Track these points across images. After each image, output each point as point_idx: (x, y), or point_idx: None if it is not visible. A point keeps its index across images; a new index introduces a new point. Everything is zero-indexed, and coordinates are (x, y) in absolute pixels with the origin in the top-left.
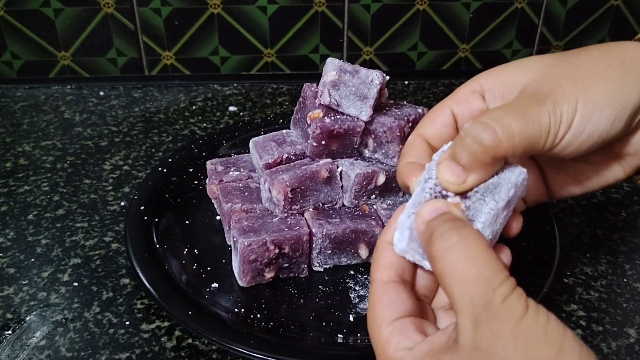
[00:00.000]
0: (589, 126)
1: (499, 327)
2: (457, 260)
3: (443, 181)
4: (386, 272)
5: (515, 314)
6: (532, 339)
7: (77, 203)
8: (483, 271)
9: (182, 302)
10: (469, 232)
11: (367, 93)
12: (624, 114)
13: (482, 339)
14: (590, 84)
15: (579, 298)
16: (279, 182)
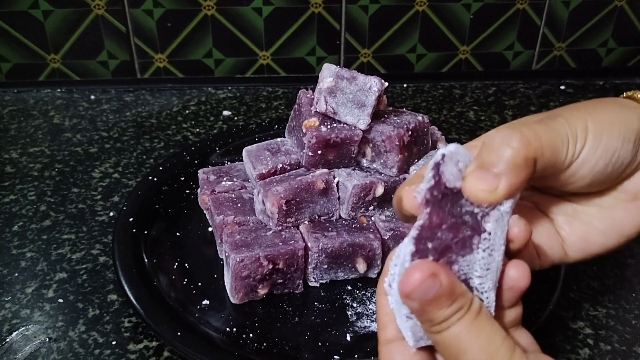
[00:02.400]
0: (603, 141)
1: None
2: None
3: (473, 191)
4: (389, 330)
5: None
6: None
7: (64, 213)
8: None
9: (170, 321)
10: (466, 320)
11: (365, 100)
12: (630, 134)
13: None
14: (594, 110)
15: (585, 314)
16: (273, 194)
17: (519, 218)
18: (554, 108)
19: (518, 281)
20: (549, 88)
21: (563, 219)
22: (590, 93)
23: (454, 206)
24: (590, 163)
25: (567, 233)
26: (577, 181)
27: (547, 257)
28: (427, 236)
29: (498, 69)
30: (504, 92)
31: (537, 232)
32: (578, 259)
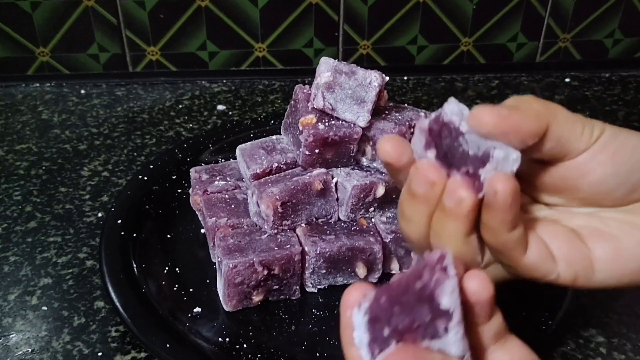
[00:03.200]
0: (621, 136)
1: None
2: None
3: (478, 114)
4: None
5: None
6: None
7: (50, 214)
8: None
9: (159, 331)
10: None
11: (365, 96)
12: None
13: None
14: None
15: (597, 321)
16: (267, 195)
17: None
18: (559, 101)
19: (480, 294)
20: (554, 81)
21: (589, 232)
22: (596, 86)
23: (452, 142)
24: (609, 149)
25: (593, 246)
26: (597, 169)
27: (569, 267)
28: (380, 319)
29: (501, 61)
30: (507, 85)
31: (560, 238)
32: (605, 278)
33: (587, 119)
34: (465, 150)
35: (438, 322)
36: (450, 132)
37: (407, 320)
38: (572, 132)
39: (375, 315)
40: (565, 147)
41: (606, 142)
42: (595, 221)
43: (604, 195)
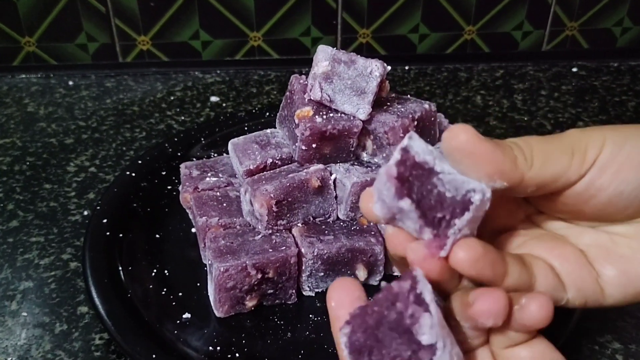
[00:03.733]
0: (627, 147)
1: None
2: None
3: (447, 138)
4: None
5: None
6: None
7: (33, 213)
8: None
9: (146, 339)
10: None
11: (366, 87)
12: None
13: None
14: (616, 125)
15: (612, 325)
16: (261, 193)
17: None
18: (566, 91)
19: (536, 322)
20: (560, 70)
21: (597, 251)
22: (604, 75)
23: (426, 185)
24: (610, 170)
25: (602, 268)
26: (600, 193)
27: (580, 292)
28: (361, 352)
29: (506, 50)
30: (512, 74)
31: (568, 259)
32: (617, 302)
33: (580, 137)
34: (442, 192)
35: (421, 355)
36: (423, 173)
37: (388, 356)
38: (556, 169)
39: (356, 348)
40: (552, 185)
41: (605, 161)
42: (604, 238)
43: (613, 215)
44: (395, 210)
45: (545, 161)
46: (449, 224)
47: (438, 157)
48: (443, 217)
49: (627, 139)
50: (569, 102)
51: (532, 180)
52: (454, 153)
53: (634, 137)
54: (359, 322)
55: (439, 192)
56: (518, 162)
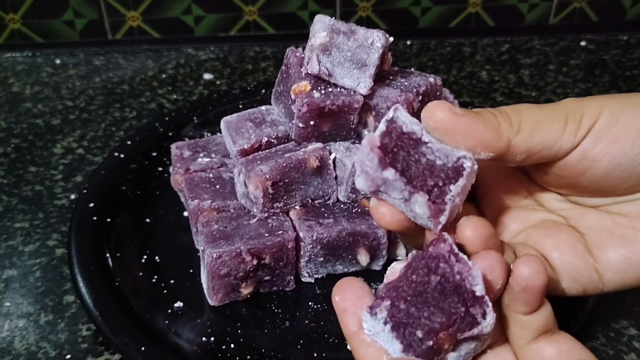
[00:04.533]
0: (623, 117)
1: None
2: None
3: (430, 111)
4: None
5: None
6: None
7: (18, 197)
8: None
9: (135, 330)
10: None
11: (366, 59)
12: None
13: None
14: (615, 95)
15: (628, 311)
16: (256, 174)
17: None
18: (575, 66)
19: (532, 279)
20: (568, 44)
21: (598, 235)
22: (613, 49)
23: (414, 154)
24: (605, 140)
25: (602, 252)
26: (595, 165)
27: (575, 282)
28: (407, 324)
29: (511, 23)
30: (518, 49)
31: (562, 249)
32: (617, 287)
33: (576, 105)
34: (432, 160)
35: (474, 311)
36: (410, 143)
37: (442, 317)
38: (547, 136)
39: (399, 322)
40: (543, 153)
41: (601, 131)
42: (606, 220)
43: (612, 188)
44: (380, 182)
45: (535, 127)
46: (444, 190)
47: (425, 128)
48: (436, 184)
49: (625, 108)
50: (578, 77)
51: (520, 147)
52: (434, 131)
53: (632, 106)
54: (397, 295)
55: (429, 160)
56: (502, 129)
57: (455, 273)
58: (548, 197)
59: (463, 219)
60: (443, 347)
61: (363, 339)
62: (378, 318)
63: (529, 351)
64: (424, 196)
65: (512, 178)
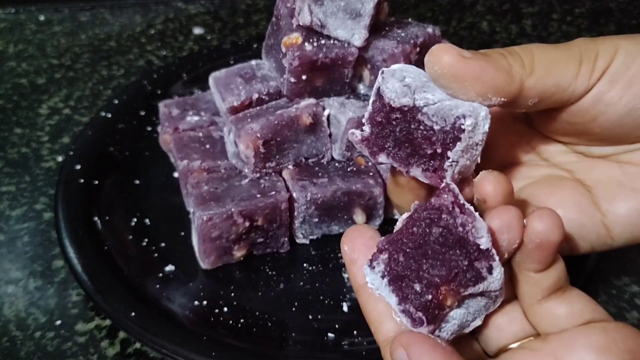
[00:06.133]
0: (638, 59)
1: None
2: None
3: (435, 56)
4: (385, 327)
5: None
6: None
7: (4, 160)
8: None
9: (125, 296)
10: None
11: (361, 9)
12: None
13: None
14: (632, 35)
15: (631, 267)
16: (247, 133)
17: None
18: (579, 15)
19: (547, 235)
20: None
21: (607, 187)
22: None
23: (409, 124)
24: (621, 82)
25: (611, 205)
26: (609, 109)
27: (582, 241)
28: (404, 277)
29: None
30: None
31: (566, 207)
32: (628, 241)
33: (590, 45)
34: (429, 126)
35: (478, 265)
36: (402, 117)
37: (442, 271)
38: (561, 79)
39: (397, 275)
40: (556, 96)
41: (616, 73)
42: (616, 171)
43: (624, 135)
44: (379, 161)
45: (550, 68)
46: (443, 157)
47: (419, 86)
48: (434, 151)
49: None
50: (582, 26)
51: (533, 90)
52: (439, 79)
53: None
54: (396, 247)
55: (426, 127)
56: (513, 71)
57: (459, 225)
58: (552, 150)
59: (482, 173)
60: (445, 302)
61: (371, 292)
62: (376, 271)
63: (540, 310)
64: (418, 169)
65: (512, 132)
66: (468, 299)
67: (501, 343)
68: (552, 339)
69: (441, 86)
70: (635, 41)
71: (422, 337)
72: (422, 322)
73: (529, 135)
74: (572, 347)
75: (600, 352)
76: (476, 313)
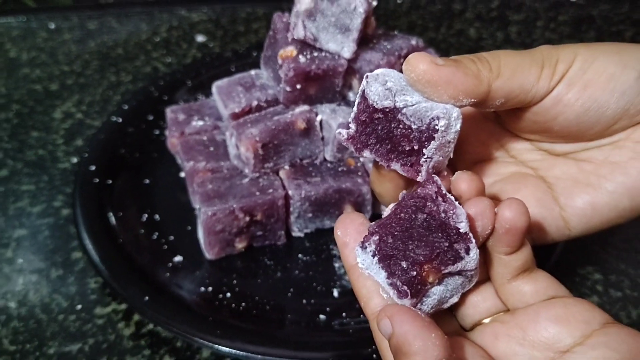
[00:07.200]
0: (595, 64)
1: None
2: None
3: (411, 64)
4: (374, 302)
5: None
6: None
7: (22, 161)
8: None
9: (138, 283)
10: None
11: (350, 24)
12: (635, 62)
13: None
14: (590, 43)
15: (595, 257)
16: (247, 137)
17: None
18: (562, 22)
19: (515, 221)
20: (558, 0)
21: (565, 183)
22: (602, 4)
23: (390, 123)
24: (578, 85)
25: (568, 200)
26: (567, 109)
27: (542, 232)
28: (392, 256)
29: None
30: (507, 5)
31: (529, 202)
32: (583, 231)
33: (551, 52)
34: (407, 125)
35: (457, 246)
36: (384, 117)
37: (426, 251)
38: (525, 81)
39: (386, 254)
40: (520, 97)
41: (574, 77)
42: (573, 169)
43: (581, 133)
44: (364, 155)
45: (515, 71)
46: (419, 153)
47: (399, 89)
48: (412, 148)
49: (597, 55)
50: (564, 33)
51: (500, 91)
52: (416, 84)
53: (604, 54)
54: (385, 230)
55: (405, 126)
56: (482, 75)
57: (441, 212)
58: (519, 148)
59: (458, 173)
60: (427, 279)
61: (361, 272)
62: (367, 251)
63: (510, 288)
64: (398, 163)
65: (483, 131)
66: (447, 278)
67: (476, 318)
68: (519, 313)
69: (418, 90)
70: (592, 49)
71: (404, 309)
72: (407, 294)
73: (499, 134)
74: (536, 319)
75: (560, 323)
76: (454, 290)
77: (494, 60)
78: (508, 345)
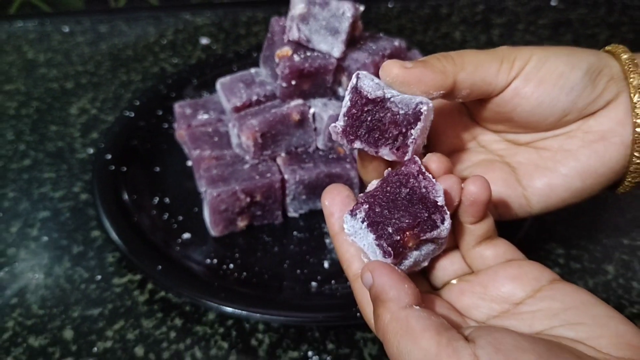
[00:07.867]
0: (548, 64)
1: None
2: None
3: (387, 69)
4: (355, 265)
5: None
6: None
7: (43, 152)
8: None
9: (152, 255)
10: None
11: (339, 27)
12: (581, 63)
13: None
14: (545, 46)
15: (559, 236)
16: (247, 127)
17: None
18: (542, 25)
19: (479, 195)
20: (539, 4)
21: (527, 167)
22: (581, 8)
23: (379, 112)
24: (533, 81)
25: (530, 181)
26: (524, 102)
27: (507, 209)
28: (380, 222)
29: None
30: (492, 10)
31: (496, 183)
32: (543, 209)
33: (510, 51)
34: (396, 111)
35: (435, 217)
36: (374, 107)
37: (409, 219)
38: (486, 74)
39: (374, 221)
40: (483, 88)
41: (529, 73)
42: (534, 156)
43: (538, 123)
44: (354, 147)
45: (477, 66)
46: (406, 135)
47: (385, 85)
48: (399, 132)
49: (550, 56)
50: (543, 35)
51: (464, 82)
52: (392, 85)
53: (556, 55)
54: (374, 200)
55: (393, 112)
56: (447, 69)
57: (422, 187)
58: (488, 139)
59: (428, 155)
60: (408, 244)
61: (345, 239)
62: (357, 218)
63: (473, 253)
64: (386, 148)
65: (458, 125)
66: (423, 244)
67: (445, 279)
68: (481, 273)
69: (396, 89)
70: (546, 51)
71: (384, 264)
72: (390, 254)
73: (471, 128)
74: (495, 277)
75: (514, 280)
76: (426, 255)
77: (458, 57)
78: (471, 299)
